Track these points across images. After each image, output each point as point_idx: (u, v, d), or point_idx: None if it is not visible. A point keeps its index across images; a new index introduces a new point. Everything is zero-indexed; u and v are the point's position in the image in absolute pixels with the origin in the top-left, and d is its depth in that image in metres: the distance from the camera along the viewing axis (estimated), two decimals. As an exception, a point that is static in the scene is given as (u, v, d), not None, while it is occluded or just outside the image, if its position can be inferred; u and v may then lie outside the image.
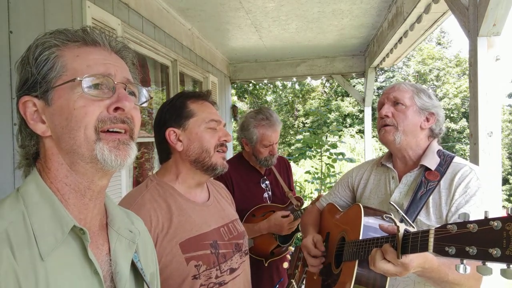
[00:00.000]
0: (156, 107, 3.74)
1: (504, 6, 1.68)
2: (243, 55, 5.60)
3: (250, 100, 16.40)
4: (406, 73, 22.90)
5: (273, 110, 2.46)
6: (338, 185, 1.81)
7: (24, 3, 1.80)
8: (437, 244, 0.96)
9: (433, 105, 1.51)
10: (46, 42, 0.77)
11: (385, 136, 1.51)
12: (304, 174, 7.09)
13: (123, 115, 0.78)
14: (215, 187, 1.59)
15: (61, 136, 0.75)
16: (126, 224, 0.89)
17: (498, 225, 0.82)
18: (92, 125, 0.74)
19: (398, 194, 1.50)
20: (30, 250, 0.68)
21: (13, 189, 1.71)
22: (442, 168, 1.44)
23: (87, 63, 0.76)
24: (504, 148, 20.44)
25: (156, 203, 1.31)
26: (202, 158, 1.38)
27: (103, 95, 0.76)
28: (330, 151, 6.16)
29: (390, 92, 1.54)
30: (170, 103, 1.43)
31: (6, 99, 1.70)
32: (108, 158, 0.75)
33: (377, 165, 1.68)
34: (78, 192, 0.78)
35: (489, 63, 1.80)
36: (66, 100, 0.74)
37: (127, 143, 0.78)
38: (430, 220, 1.39)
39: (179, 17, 3.72)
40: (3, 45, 1.69)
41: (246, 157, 2.46)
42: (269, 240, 2.31)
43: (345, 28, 4.30)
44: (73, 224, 0.73)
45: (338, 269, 1.45)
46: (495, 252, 0.81)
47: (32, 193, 0.74)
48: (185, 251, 1.26)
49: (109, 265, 0.80)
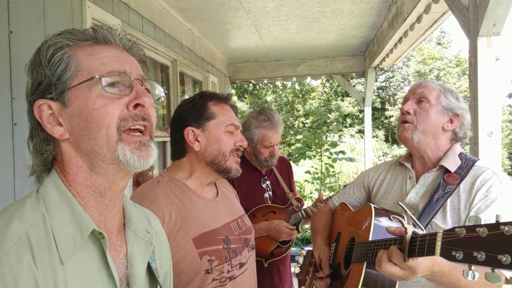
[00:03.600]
0: (156, 107, 3.74)
1: (504, 6, 1.68)
2: (243, 55, 5.60)
3: (250, 100, 16.39)
4: (406, 73, 22.89)
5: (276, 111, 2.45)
6: (353, 185, 1.76)
7: (24, 3, 1.80)
8: (444, 248, 0.91)
9: (460, 106, 1.43)
10: (58, 42, 0.75)
11: (403, 133, 1.45)
12: (304, 174, 7.09)
13: (143, 112, 0.76)
14: (221, 183, 1.60)
15: (80, 138, 0.73)
16: (143, 224, 0.87)
17: (510, 230, 0.77)
18: (115, 125, 0.73)
19: (414, 194, 1.44)
20: (50, 254, 0.67)
21: (13, 190, 1.72)
22: (463, 171, 1.37)
23: (101, 61, 0.75)
24: (504, 148, 20.43)
25: (169, 198, 1.32)
26: (218, 160, 1.39)
27: (121, 92, 0.75)
28: (330, 151, 6.16)
29: (417, 88, 1.47)
30: (191, 102, 1.42)
31: (6, 99, 1.70)
32: (131, 159, 0.74)
33: (395, 165, 1.62)
34: (98, 193, 0.76)
35: (489, 63, 1.80)
36: (85, 100, 0.73)
37: (148, 144, 0.77)
38: (446, 224, 1.33)
39: (179, 17, 3.72)
40: (3, 45, 1.69)
41: (247, 157, 2.45)
42: (269, 240, 2.30)
43: (345, 28, 4.30)
44: (93, 228, 0.72)
45: (347, 271, 1.43)
46: (504, 258, 0.76)
47: (53, 195, 0.73)
48: (199, 246, 1.27)
49: (126, 268, 0.79)
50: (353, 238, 1.47)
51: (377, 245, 1.23)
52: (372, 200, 1.65)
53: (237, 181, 2.32)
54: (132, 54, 0.83)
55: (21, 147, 1.73)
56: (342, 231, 1.62)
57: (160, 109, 3.84)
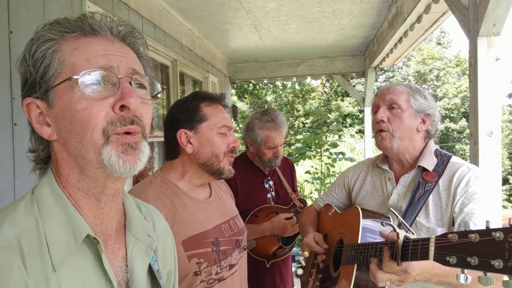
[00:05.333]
0: (156, 107, 3.74)
1: (504, 6, 1.68)
2: (243, 55, 5.60)
3: (250, 100, 16.39)
4: (406, 73, 22.90)
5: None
6: (335, 186, 1.80)
7: (24, 3, 1.80)
8: (437, 253, 0.95)
9: (429, 106, 1.48)
10: (41, 36, 0.68)
11: (382, 142, 1.48)
12: (304, 174, 7.09)
13: (131, 114, 0.69)
14: (215, 183, 1.60)
15: (67, 141, 0.69)
16: (144, 227, 0.83)
17: (500, 236, 0.80)
18: (100, 128, 0.67)
19: (396, 196, 1.49)
20: (42, 259, 0.63)
21: (13, 190, 1.72)
22: (440, 168, 1.42)
23: (86, 57, 0.68)
24: (504, 148, 20.43)
25: (160, 200, 1.32)
26: (211, 162, 1.38)
27: (106, 92, 0.67)
28: (330, 151, 6.16)
29: (386, 94, 1.50)
30: (184, 104, 1.42)
31: (6, 99, 1.70)
32: (116, 164, 0.67)
33: (372, 166, 1.66)
34: (92, 197, 0.72)
35: (489, 63, 1.80)
36: (67, 101, 0.67)
37: (136, 146, 0.70)
38: (429, 222, 1.37)
39: (179, 17, 3.72)
40: (3, 45, 1.69)
41: (250, 157, 2.45)
42: (271, 241, 2.30)
43: (345, 28, 4.30)
44: (87, 233, 0.68)
45: (336, 272, 1.44)
46: (497, 263, 0.80)
47: (47, 197, 0.69)
48: (187, 249, 1.28)
49: (124, 272, 0.75)
50: (341, 240, 1.48)
51: (367, 248, 1.25)
52: (353, 199, 1.68)
53: (240, 181, 2.32)
54: (128, 43, 0.75)
55: (21, 147, 1.73)
56: (329, 233, 1.63)
57: (160, 109, 3.83)
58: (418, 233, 1.37)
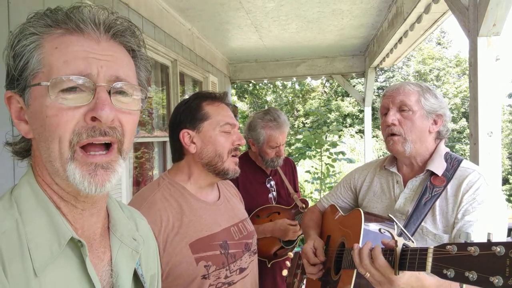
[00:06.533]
0: (156, 107, 3.74)
1: (504, 6, 1.68)
2: (243, 55, 5.60)
3: (250, 100, 16.39)
4: (406, 73, 22.89)
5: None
6: (340, 186, 1.75)
7: (24, 3, 1.80)
8: (435, 265, 0.90)
9: (440, 106, 1.42)
10: (25, 29, 0.64)
11: (394, 147, 1.42)
12: (304, 174, 7.09)
13: (103, 125, 0.63)
14: (224, 186, 1.59)
15: (39, 144, 0.65)
16: (129, 230, 0.80)
17: (501, 250, 0.75)
18: (67, 139, 0.62)
19: (403, 200, 1.43)
20: (23, 264, 0.60)
21: (13, 183, 1.71)
22: (449, 172, 1.36)
23: (65, 58, 0.62)
24: (504, 148, 20.42)
25: (167, 202, 1.31)
26: (215, 162, 1.37)
27: (80, 101, 0.62)
28: (330, 151, 6.16)
29: (395, 95, 1.43)
30: (186, 104, 1.41)
31: (6, 99, 1.70)
32: (80, 184, 0.63)
33: (380, 168, 1.60)
34: (68, 202, 0.68)
35: (489, 63, 1.80)
36: (40, 104, 0.62)
37: (107, 166, 0.65)
38: (436, 228, 1.32)
39: (179, 17, 3.72)
40: (3, 45, 1.69)
41: (252, 157, 2.45)
42: (272, 241, 2.30)
43: (345, 28, 4.30)
44: (71, 235, 0.64)
45: (337, 276, 1.42)
46: (496, 280, 0.75)
47: (28, 198, 0.65)
48: (195, 251, 1.26)
49: (109, 276, 0.72)
50: (343, 243, 1.45)
51: None
52: (359, 201, 1.64)
53: (242, 181, 2.32)
54: (120, 42, 0.70)
55: (21, 147, 1.72)
56: (332, 235, 1.61)
57: (160, 109, 3.83)
58: (424, 239, 1.33)
